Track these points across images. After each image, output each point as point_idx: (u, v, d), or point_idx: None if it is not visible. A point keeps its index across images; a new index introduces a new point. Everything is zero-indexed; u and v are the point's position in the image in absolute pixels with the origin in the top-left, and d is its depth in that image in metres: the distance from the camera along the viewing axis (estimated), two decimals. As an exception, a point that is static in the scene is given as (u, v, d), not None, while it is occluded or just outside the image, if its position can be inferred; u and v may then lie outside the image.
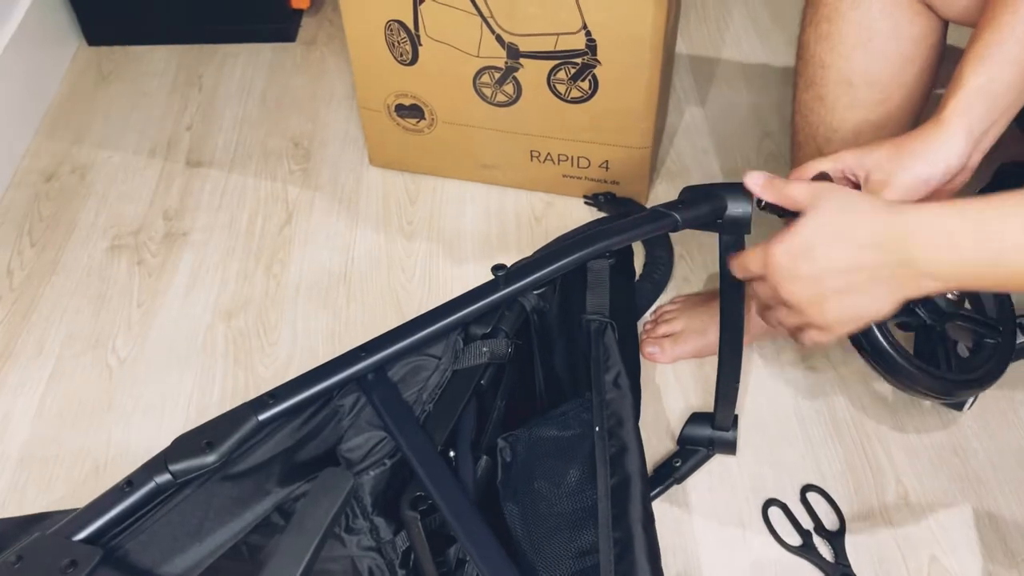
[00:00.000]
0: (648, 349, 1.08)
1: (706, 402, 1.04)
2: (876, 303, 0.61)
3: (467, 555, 0.58)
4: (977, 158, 0.69)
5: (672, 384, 1.07)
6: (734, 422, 0.97)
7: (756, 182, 0.69)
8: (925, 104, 0.87)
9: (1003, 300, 0.87)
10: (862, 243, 0.60)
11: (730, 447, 0.98)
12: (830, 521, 0.94)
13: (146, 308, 1.18)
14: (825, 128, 0.88)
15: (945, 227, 0.58)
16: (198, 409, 1.07)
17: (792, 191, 0.65)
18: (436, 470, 0.60)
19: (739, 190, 0.75)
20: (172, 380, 1.10)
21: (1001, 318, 0.86)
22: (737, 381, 0.90)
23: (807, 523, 0.94)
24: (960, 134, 0.67)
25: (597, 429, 0.63)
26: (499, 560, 0.56)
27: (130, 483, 0.57)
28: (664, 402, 1.05)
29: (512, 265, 0.71)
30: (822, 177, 0.73)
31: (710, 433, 0.98)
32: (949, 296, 0.80)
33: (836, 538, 0.92)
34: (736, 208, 0.74)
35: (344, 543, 0.66)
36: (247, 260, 1.24)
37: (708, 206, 0.75)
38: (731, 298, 0.82)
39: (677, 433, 1.01)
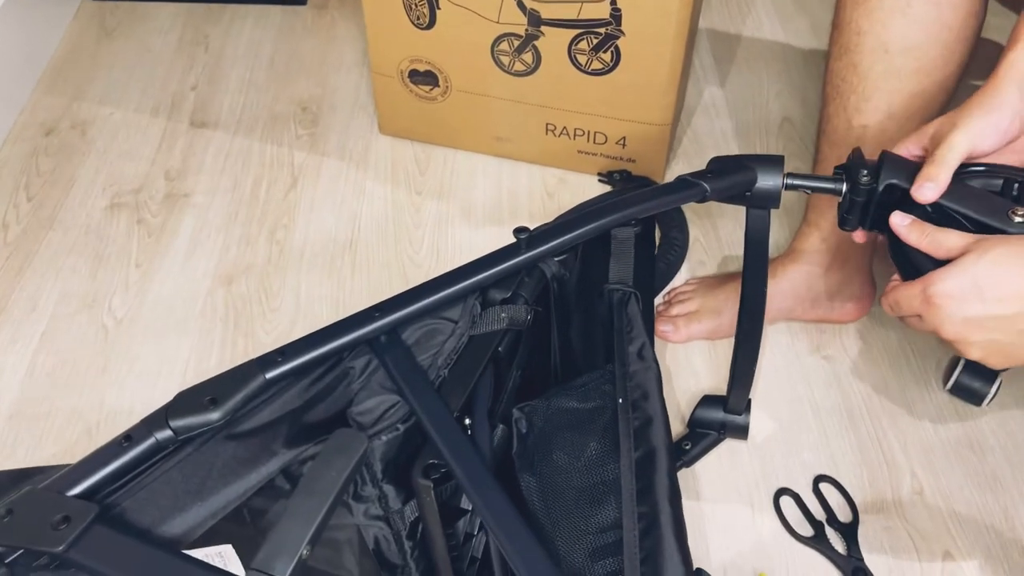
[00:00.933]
0: (661, 327, 1.05)
1: (718, 385, 1.02)
2: None
3: (485, 525, 0.55)
4: None
5: (683, 365, 1.04)
6: (747, 406, 0.95)
7: (902, 222, 0.65)
8: (961, 76, 0.84)
9: None
10: None
11: (742, 432, 0.96)
12: (843, 513, 0.92)
13: (145, 269, 1.15)
14: (857, 97, 0.85)
15: None
16: (195, 374, 1.04)
17: (947, 239, 0.62)
18: (453, 437, 0.57)
19: (770, 162, 0.72)
20: (169, 343, 1.07)
21: None
22: (754, 363, 0.88)
23: (819, 514, 0.91)
24: (1014, 90, 0.65)
25: (620, 401, 0.60)
26: (519, 531, 0.53)
27: (129, 438, 0.54)
28: (674, 383, 1.03)
29: (535, 229, 0.68)
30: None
31: (722, 416, 0.95)
32: None
33: (849, 530, 0.90)
34: (766, 181, 0.72)
35: (351, 511, 0.63)
36: (250, 224, 1.20)
37: (737, 177, 0.72)
38: (754, 276, 0.79)
39: (687, 416, 0.98)
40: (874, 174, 0.68)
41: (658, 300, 1.10)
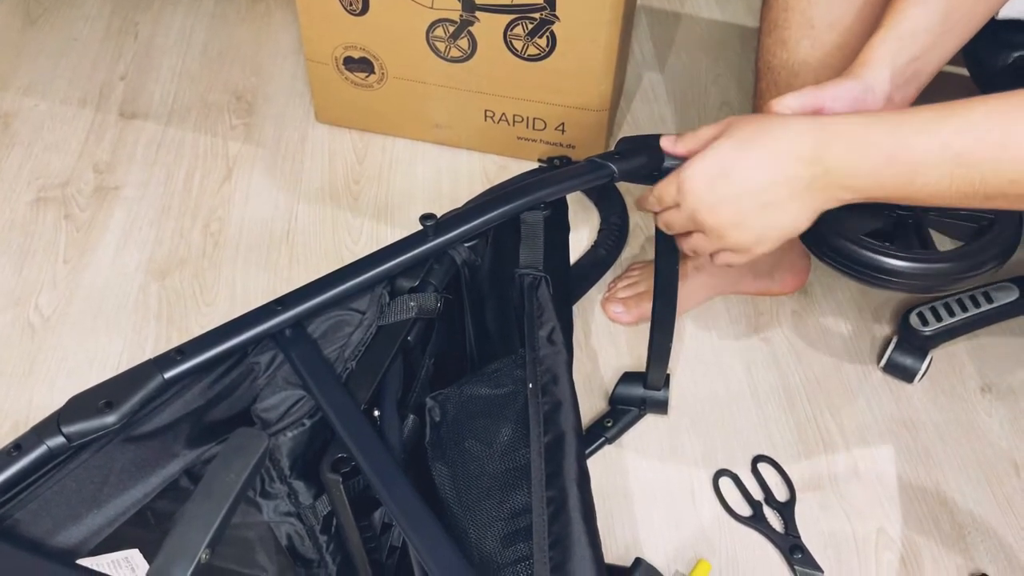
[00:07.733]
0: (613, 309, 1.06)
1: (641, 363, 1.02)
2: (793, 218, 0.61)
3: (392, 519, 0.54)
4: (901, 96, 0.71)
5: (607, 345, 1.05)
6: (666, 381, 0.96)
7: (669, 141, 0.70)
8: None
9: None
10: (780, 153, 0.60)
11: (662, 407, 0.97)
12: (780, 492, 0.93)
13: (73, 265, 1.12)
14: (787, 72, 0.86)
15: (860, 136, 0.58)
16: (127, 371, 1.01)
17: (704, 131, 0.65)
18: (359, 430, 0.56)
19: None
20: (100, 341, 1.04)
21: None
22: (670, 340, 0.89)
23: (758, 494, 0.93)
24: (883, 66, 0.69)
25: (531, 386, 0.61)
26: (427, 523, 0.53)
27: (18, 447, 0.51)
28: (599, 362, 1.03)
29: (442, 216, 0.67)
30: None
31: (642, 392, 0.97)
32: None
33: (786, 509, 0.91)
34: (675, 160, 0.72)
35: (260, 509, 0.62)
36: (183, 217, 1.17)
37: (646, 157, 0.71)
38: (665, 256, 0.81)
39: (610, 392, 0.99)
40: None
41: (603, 289, 1.10)
